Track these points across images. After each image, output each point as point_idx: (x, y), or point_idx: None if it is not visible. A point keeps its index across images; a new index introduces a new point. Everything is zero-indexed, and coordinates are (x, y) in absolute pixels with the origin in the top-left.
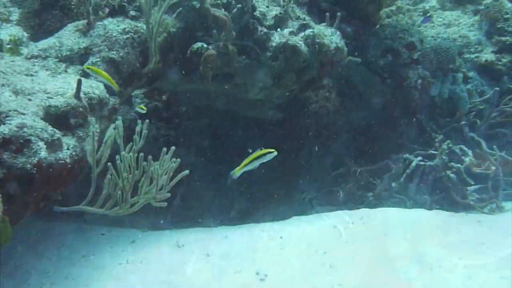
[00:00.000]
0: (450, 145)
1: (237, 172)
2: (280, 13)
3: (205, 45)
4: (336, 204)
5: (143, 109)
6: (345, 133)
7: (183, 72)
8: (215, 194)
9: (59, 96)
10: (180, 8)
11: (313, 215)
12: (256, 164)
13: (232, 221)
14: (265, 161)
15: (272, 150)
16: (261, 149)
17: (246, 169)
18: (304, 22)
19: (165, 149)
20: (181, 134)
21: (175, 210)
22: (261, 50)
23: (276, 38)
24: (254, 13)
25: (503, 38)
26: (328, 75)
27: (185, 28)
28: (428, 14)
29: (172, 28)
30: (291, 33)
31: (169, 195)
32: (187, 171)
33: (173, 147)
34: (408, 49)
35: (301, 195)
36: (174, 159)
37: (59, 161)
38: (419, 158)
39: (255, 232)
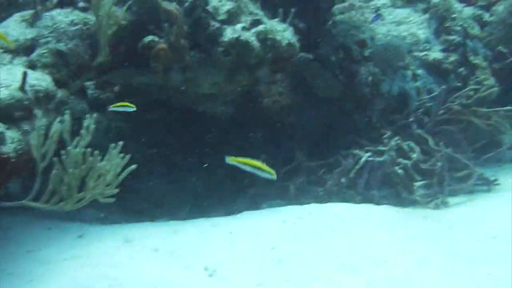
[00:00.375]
0: (398, 141)
1: (231, 160)
2: (233, 8)
3: (156, 39)
4: (287, 199)
5: (132, 107)
6: (297, 128)
7: (134, 65)
8: (168, 188)
9: (3, 88)
10: (131, 1)
11: (264, 210)
12: (249, 170)
13: (186, 214)
14: (259, 174)
15: (273, 172)
16: (264, 163)
17: (239, 166)
18: (257, 17)
19: (113, 144)
20: (133, 126)
21: (125, 204)
22: (213, 45)
23: (229, 33)
24: (207, 7)
25: (450, 37)
26: (281, 71)
27: (136, 21)
28: (378, 12)
29: (122, 21)
30: (243, 28)
31: (116, 191)
32: (134, 166)
33: (120, 142)
34: (359, 46)
35: (250, 190)
36: (122, 155)
37: (2, 155)
38: (369, 154)
39: (205, 227)
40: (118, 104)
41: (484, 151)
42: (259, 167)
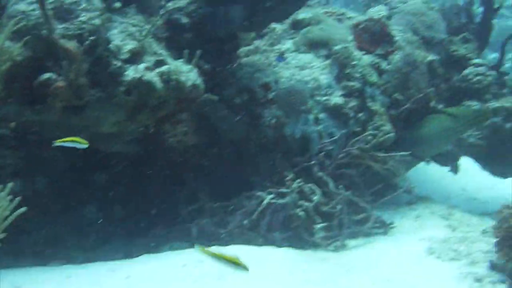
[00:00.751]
0: (300, 184)
1: (200, 250)
2: (136, 48)
3: (54, 76)
4: (190, 241)
5: (84, 144)
6: (201, 169)
7: (30, 102)
8: (64, 229)
9: None
10: (29, 36)
11: (164, 253)
12: (221, 263)
13: (83, 257)
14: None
15: (247, 268)
16: (238, 258)
17: (210, 258)
18: (161, 57)
19: (1, 186)
20: (29, 163)
21: (17, 247)
22: (114, 84)
23: (131, 72)
24: (108, 46)
25: (351, 83)
26: (186, 111)
27: (33, 57)
28: (281, 55)
29: (18, 57)
30: (146, 68)
31: (3, 235)
32: (23, 209)
33: (9, 184)
34: (263, 89)
35: (151, 231)
36: (10, 197)
37: None
38: (271, 196)
39: (102, 271)
40: (67, 139)
41: (382, 194)
42: (233, 261)
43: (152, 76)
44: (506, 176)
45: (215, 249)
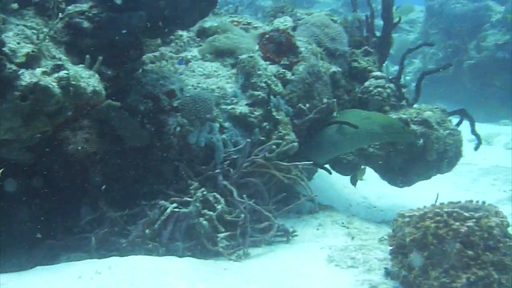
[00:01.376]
0: (204, 193)
1: None
2: (33, 51)
3: None
4: (88, 251)
5: None
6: (102, 177)
7: None
8: None
9: None
10: None
11: (59, 265)
12: None
13: None
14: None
15: None
16: None
17: None
18: (60, 62)
19: None
20: None
21: None
22: (9, 88)
23: (27, 77)
24: (3, 49)
25: (256, 93)
26: (87, 117)
27: None
28: (181, 58)
29: None
30: (43, 73)
31: None
32: None
33: None
34: (168, 97)
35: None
36: None
37: None
38: (174, 204)
39: None
40: None
41: (286, 203)
42: None
43: (50, 81)
44: (403, 185)
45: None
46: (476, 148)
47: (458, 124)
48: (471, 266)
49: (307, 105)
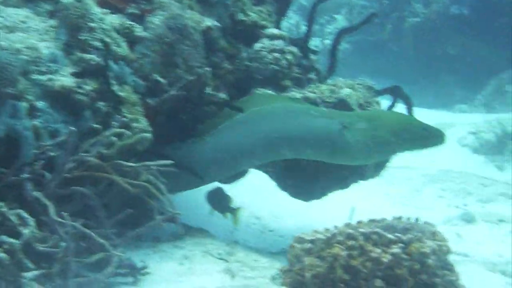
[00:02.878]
0: (3, 210)
1: None
2: None
3: None
4: None
5: None
6: None
7: None
8: None
9: None
10: None
11: None
12: None
13: None
14: None
15: None
16: None
17: None
18: None
19: None
20: None
21: None
22: None
23: None
24: None
25: (87, 56)
26: None
27: None
28: None
29: None
30: None
31: None
32: None
33: None
34: None
35: None
36: None
37: None
38: None
39: None
40: None
41: (134, 224)
42: None
43: None
44: (310, 198)
45: None
46: None
47: (390, 107)
48: None
49: (167, 77)
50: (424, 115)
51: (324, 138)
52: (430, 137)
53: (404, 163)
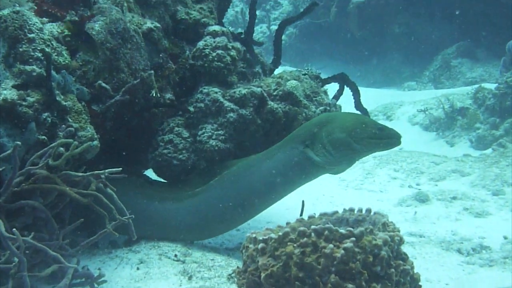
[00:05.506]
0: None
1: None
2: None
3: None
4: None
5: None
6: None
7: None
8: None
9: None
10: None
11: None
12: None
13: None
14: None
15: None
16: None
17: None
18: None
19: None
20: None
21: None
22: None
23: None
24: None
25: (28, 68)
26: None
27: None
28: None
29: None
30: None
31: None
32: None
33: None
34: None
35: None
36: None
37: None
38: None
39: None
40: None
41: (90, 233)
42: None
43: None
44: None
45: None
46: None
47: (338, 95)
48: None
49: (112, 82)
50: (374, 94)
51: (292, 168)
52: (385, 137)
53: None
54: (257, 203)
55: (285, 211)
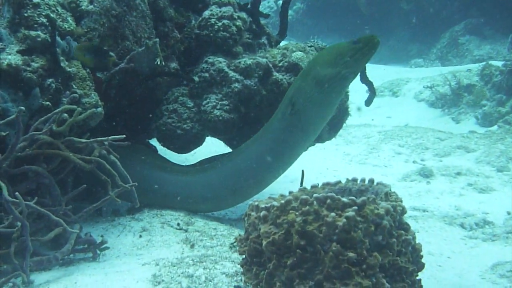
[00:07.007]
0: None
1: None
2: None
3: None
4: None
5: None
6: None
7: None
8: None
9: None
10: None
11: None
12: None
13: None
14: None
15: None
16: None
17: None
18: None
19: None
20: None
21: None
22: None
23: None
24: None
25: (33, 33)
26: None
27: None
28: None
29: None
30: None
31: None
32: None
33: None
34: None
35: None
36: None
37: None
38: None
39: None
40: None
41: (91, 200)
42: None
43: None
44: None
45: None
46: (367, 103)
47: None
48: (352, 274)
49: (116, 49)
50: (381, 72)
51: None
52: (364, 45)
53: (361, 121)
54: (266, 174)
55: (289, 183)
